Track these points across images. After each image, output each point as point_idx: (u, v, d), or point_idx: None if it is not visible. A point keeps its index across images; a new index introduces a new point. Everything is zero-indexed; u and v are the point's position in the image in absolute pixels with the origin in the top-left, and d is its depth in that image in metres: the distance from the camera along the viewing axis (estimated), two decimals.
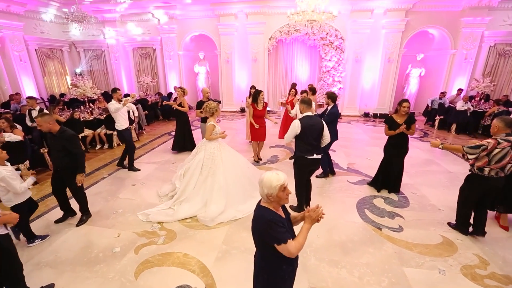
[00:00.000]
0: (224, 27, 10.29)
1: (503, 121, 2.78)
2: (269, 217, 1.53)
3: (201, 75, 11.66)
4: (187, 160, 4.04)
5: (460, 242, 3.16)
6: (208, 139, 3.75)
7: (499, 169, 2.85)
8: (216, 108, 3.84)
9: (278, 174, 1.56)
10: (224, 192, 3.62)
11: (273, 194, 1.53)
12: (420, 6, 9.20)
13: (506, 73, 9.69)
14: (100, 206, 3.89)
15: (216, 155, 3.73)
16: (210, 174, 3.67)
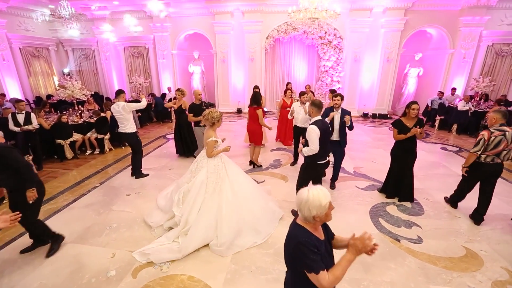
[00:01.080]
0: (219, 25, 9.97)
1: (500, 113, 3.24)
2: (302, 239, 1.33)
3: (196, 75, 11.30)
4: (183, 179, 3.40)
5: (485, 254, 2.96)
6: (210, 156, 3.21)
7: (495, 156, 3.23)
8: (219, 117, 3.24)
9: (322, 190, 1.36)
10: (234, 208, 3.17)
11: (321, 214, 1.33)
12: (419, 5, 9.10)
13: (503, 73, 9.69)
14: (92, 220, 3.53)
15: (220, 167, 3.24)
16: (217, 191, 3.17)
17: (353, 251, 1.36)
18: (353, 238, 1.40)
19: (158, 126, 9.01)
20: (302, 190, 1.39)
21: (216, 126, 3.29)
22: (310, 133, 3.14)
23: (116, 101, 4.59)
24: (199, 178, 3.19)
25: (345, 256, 1.36)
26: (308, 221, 1.38)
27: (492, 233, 3.34)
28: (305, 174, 3.46)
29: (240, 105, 11.09)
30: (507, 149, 3.20)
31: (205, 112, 3.25)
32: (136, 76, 10.33)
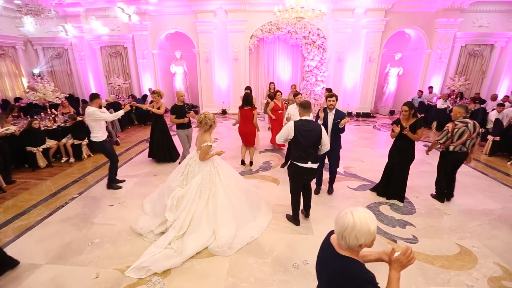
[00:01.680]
0: (202, 24, 9.70)
1: (463, 107, 3.71)
2: (365, 277, 1.19)
3: (178, 75, 10.93)
4: (174, 182, 3.28)
5: (477, 250, 3.02)
6: (202, 160, 3.17)
7: (461, 145, 3.70)
8: (214, 120, 3.21)
9: (367, 212, 1.22)
10: (230, 212, 3.13)
11: (368, 242, 1.20)
12: (398, 7, 9.36)
13: (475, 72, 10.24)
14: (71, 236, 3.22)
15: (213, 173, 3.20)
16: (211, 197, 3.14)
17: (398, 267, 1.28)
18: (393, 253, 1.30)
19: (140, 129, 8.60)
20: (344, 214, 1.22)
21: (212, 129, 3.24)
22: (284, 126, 3.19)
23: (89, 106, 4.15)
24: (195, 184, 3.13)
25: (394, 276, 1.27)
26: (352, 249, 1.23)
27: (480, 228, 3.42)
28: (290, 176, 3.33)
29: (224, 106, 10.89)
30: (470, 138, 3.65)
31: (200, 117, 3.16)
32: (115, 77, 9.79)
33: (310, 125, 3.11)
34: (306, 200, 3.57)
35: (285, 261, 2.82)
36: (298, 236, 3.23)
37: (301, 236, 3.24)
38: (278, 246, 3.04)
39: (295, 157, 3.16)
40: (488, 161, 5.89)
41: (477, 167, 5.50)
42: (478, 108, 7.77)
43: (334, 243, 1.32)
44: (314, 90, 10.61)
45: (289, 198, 3.53)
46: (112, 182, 4.46)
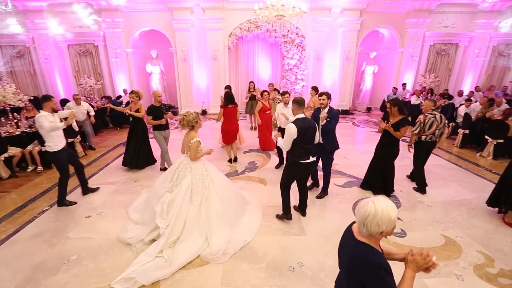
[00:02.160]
0: (178, 22, 9.35)
1: (432, 101, 4.14)
2: (378, 262, 1.22)
3: (154, 75, 10.47)
4: (162, 189, 3.10)
5: (461, 239, 3.15)
6: (194, 159, 3.03)
7: (432, 135, 4.07)
8: (196, 119, 3.09)
9: (388, 201, 1.26)
10: (224, 217, 3.00)
11: (389, 229, 1.24)
12: (372, 7, 9.68)
13: (443, 70, 10.90)
14: (43, 254, 2.89)
15: (205, 176, 3.05)
16: (204, 201, 2.99)
17: (413, 267, 1.29)
18: (411, 253, 1.32)
19: (115, 132, 8.11)
20: (365, 202, 1.26)
21: (197, 127, 3.14)
22: (286, 132, 3.11)
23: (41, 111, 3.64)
24: (184, 186, 2.96)
25: (408, 274, 1.29)
26: (373, 236, 1.27)
27: (461, 218, 3.59)
28: (288, 174, 3.37)
29: (204, 106, 10.62)
30: (438, 128, 4.04)
31: (180, 118, 3.08)
32: (85, 78, 9.14)
33: (307, 122, 3.15)
34: (303, 198, 3.57)
35: (280, 264, 2.75)
36: (291, 238, 3.18)
37: (294, 237, 3.19)
38: (272, 249, 2.96)
39: (297, 156, 3.17)
40: (460, 153, 6.26)
41: (451, 159, 5.82)
42: (448, 103, 8.24)
43: (355, 231, 1.36)
44: (294, 88, 10.68)
45: (278, 198, 3.49)
46: (63, 199, 3.87)
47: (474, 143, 6.40)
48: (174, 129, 7.94)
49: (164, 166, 5.17)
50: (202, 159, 3.16)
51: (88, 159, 5.76)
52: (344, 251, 1.42)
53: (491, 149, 5.78)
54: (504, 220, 3.47)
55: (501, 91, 9.91)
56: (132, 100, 4.99)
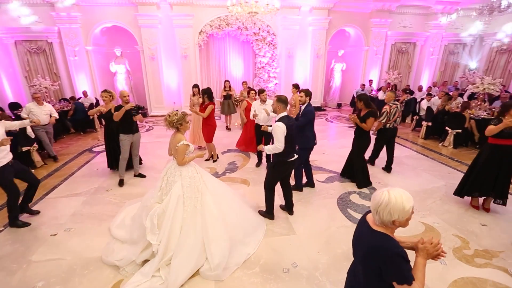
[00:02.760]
0: (144, 18, 8.80)
1: (393, 93, 4.74)
2: (396, 250, 1.24)
3: (120, 75, 9.78)
4: (151, 199, 2.80)
5: (438, 225, 3.36)
6: (182, 164, 2.75)
7: (394, 122, 4.63)
8: (181, 120, 2.80)
9: (404, 192, 1.27)
10: (221, 222, 2.76)
11: (402, 219, 1.26)
12: (339, 6, 10.02)
13: (403, 67, 11.70)
14: (1, 285, 2.49)
15: (196, 179, 2.79)
16: (198, 208, 2.71)
17: (424, 255, 1.32)
18: (422, 242, 1.35)
19: (79, 137, 7.38)
20: (381, 191, 1.29)
21: (184, 129, 2.88)
22: (276, 131, 3.03)
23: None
24: (174, 194, 2.67)
25: (420, 261, 1.32)
26: (386, 225, 1.29)
27: (435, 205, 3.84)
28: (274, 173, 3.33)
29: (176, 107, 10.17)
30: (398, 116, 4.65)
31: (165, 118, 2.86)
32: (39, 78, 8.17)
33: (291, 120, 3.17)
34: (289, 197, 3.56)
35: (274, 267, 2.68)
36: (281, 238, 3.13)
37: (284, 237, 3.14)
38: (263, 252, 2.88)
39: (285, 155, 3.14)
40: (424, 144, 6.74)
41: (418, 150, 6.24)
42: (410, 98, 8.86)
43: (370, 220, 1.38)
44: (267, 86, 10.68)
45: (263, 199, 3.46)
46: (15, 219, 3.34)
47: (436, 134, 6.94)
48: (145, 132, 7.49)
49: (138, 172, 4.82)
50: (192, 162, 2.91)
51: (49, 169, 5.16)
52: (360, 241, 1.42)
53: (451, 139, 6.31)
54: (471, 204, 3.78)
55: (453, 86, 10.93)
56: (104, 100, 4.53)
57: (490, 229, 3.29)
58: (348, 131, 7.49)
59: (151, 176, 4.79)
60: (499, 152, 3.34)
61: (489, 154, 3.43)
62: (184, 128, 2.86)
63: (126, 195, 4.14)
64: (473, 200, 3.76)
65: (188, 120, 2.91)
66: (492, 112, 6.44)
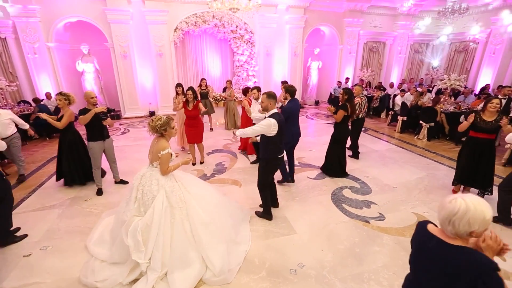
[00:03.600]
0: (114, 13, 8.21)
1: (360, 86, 5.25)
2: (493, 266, 1.09)
3: (88, 74, 9.04)
4: (128, 212, 2.52)
5: (428, 214, 3.52)
6: (166, 174, 2.56)
7: (364, 113, 5.29)
8: (166, 125, 2.57)
9: (481, 199, 1.14)
10: (214, 229, 2.62)
11: (481, 230, 1.13)
12: (315, 5, 10.22)
13: (375, 65, 12.27)
14: None
15: (176, 188, 2.60)
16: (185, 217, 2.53)
17: (490, 253, 1.19)
18: (483, 240, 1.22)
19: (44, 143, 6.66)
20: (452, 199, 1.16)
21: (169, 135, 2.65)
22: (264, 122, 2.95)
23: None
24: (158, 205, 2.44)
25: None
26: (461, 237, 1.16)
27: (422, 195, 4.03)
28: (267, 171, 3.27)
29: (152, 107, 9.68)
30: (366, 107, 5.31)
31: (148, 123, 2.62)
32: None
33: (281, 116, 3.12)
34: (273, 195, 3.55)
35: (281, 269, 2.60)
36: (282, 239, 3.06)
37: (285, 237, 3.07)
38: (267, 255, 2.79)
39: (275, 152, 3.12)
40: (401, 137, 7.11)
41: (397, 144, 6.55)
42: (384, 94, 9.31)
43: (438, 233, 1.24)
44: (246, 85, 10.57)
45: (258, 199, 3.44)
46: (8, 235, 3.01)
47: (411, 127, 7.35)
48: (121, 135, 6.99)
49: (119, 179, 4.45)
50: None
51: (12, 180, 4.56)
52: (433, 261, 1.24)
53: (425, 132, 6.72)
54: (453, 191, 4.02)
55: (419, 83, 11.69)
56: (59, 104, 3.97)
57: None
58: (328, 127, 7.65)
59: None
60: (474, 144, 3.59)
61: (466, 146, 3.73)
62: (168, 134, 2.63)
63: (108, 204, 3.80)
64: (455, 187, 4.01)
65: (174, 125, 2.66)
66: (459, 106, 6.96)
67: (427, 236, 1.28)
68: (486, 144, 3.56)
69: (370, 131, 7.69)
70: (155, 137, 2.67)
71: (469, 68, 11.23)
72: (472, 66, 11.17)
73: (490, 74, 10.26)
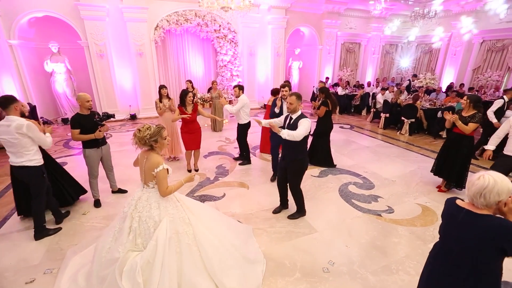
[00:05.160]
0: (88, 8, 7.59)
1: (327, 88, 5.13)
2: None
3: (58, 75, 8.25)
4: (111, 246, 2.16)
5: (430, 204, 3.79)
6: (167, 194, 2.17)
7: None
8: (156, 136, 2.15)
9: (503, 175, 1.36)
10: (224, 251, 2.35)
11: (505, 199, 1.34)
12: (295, 7, 10.42)
13: (352, 64, 12.86)
14: None
15: (180, 209, 2.28)
16: (191, 241, 2.20)
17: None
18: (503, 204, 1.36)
19: None
20: (480, 176, 1.36)
21: (160, 147, 2.22)
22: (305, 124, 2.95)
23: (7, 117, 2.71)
24: (162, 236, 2.07)
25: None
26: (489, 207, 1.37)
27: (419, 186, 4.32)
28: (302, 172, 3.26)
29: (133, 110, 9.15)
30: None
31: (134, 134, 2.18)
32: None
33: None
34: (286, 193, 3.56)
35: (313, 269, 2.62)
36: (305, 238, 3.08)
37: (308, 237, 3.10)
38: (296, 256, 2.79)
39: (306, 151, 3.24)
40: (385, 133, 7.54)
41: (384, 139, 6.93)
42: (365, 92, 9.80)
43: (467, 206, 1.44)
44: (230, 85, 10.46)
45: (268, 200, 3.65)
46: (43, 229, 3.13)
47: (393, 124, 7.84)
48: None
49: (117, 188, 4.14)
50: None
51: None
52: (466, 229, 1.42)
53: (407, 128, 7.21)
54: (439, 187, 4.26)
55: (391, 81, 12.51)
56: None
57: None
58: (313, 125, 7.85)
59: (132, 190, 4.18)
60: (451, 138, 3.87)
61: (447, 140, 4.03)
62: (160, 146, 2.20)
63: (110, 216, 3.50)
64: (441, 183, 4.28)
65: (166, 135, 2.24)
66: (434, 102, 7.58)
67: (456, 209, 1.48)
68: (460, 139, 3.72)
69: (356, 128, 8.04)
70: (142, 151, 2.25)
71: (434, 68, 12.26)
72: (436, 66, 12.22)
73: (452, 73, 11.31)
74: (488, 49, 10.16)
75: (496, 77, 9.48)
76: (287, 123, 3.16)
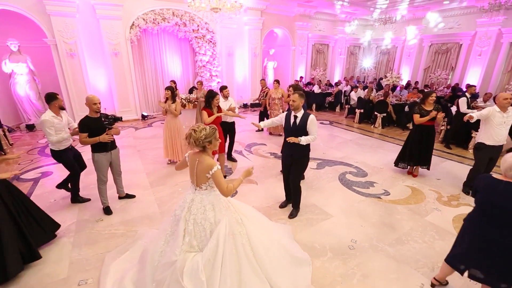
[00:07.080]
0: (55, 3, 6.97)
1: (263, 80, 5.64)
2: None
3: (19, 77, 7.43)
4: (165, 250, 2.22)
5: (416, 185, 4.40)
6: (229, 193, 2.14)
7: None
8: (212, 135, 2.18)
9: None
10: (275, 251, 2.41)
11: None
12: (270, 9, 10.78)
13: (321, 64, 13.70)
14: None
15: (231, 209, 2.35)
16: (245, 241, 2.25)
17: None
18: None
19: None
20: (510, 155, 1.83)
21: (212, 148, 2.23)
22: (314, 123, 3.13)
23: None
24: (222, 235, 2.13)
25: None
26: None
27: (403, 172, 4.93)
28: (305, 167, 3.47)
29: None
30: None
31: (187, 134, 2.18)
32: None
33: None
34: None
35: (340, 248, 2.94)
36: (325, 223, 3.40)
37: (327, 221, 3.42)
38: (322, 239, 3.08)
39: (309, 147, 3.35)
40: (360, 127, 8.30)
41: (362, 133, 7.64)
42: (338, 90, 10.59)
43: (504, 178, 1.87)
44: (210, 85, 10.44)
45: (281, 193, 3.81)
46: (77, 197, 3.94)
47: (367, 118, 8.66)
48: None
49: (125, 193, 4.01)
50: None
51: None
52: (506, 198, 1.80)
53: (380, 121, 8.04)
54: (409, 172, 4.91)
55: (356, 80, 13.65)
56: None
57: (443, 182, 4.55)
58: None
59: (141, 194, 4.10)
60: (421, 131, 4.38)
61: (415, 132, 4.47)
62: (212, 147, 2.22)
63: (128, 222, 3.43)
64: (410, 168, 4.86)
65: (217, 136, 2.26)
66: (400, 98, 8.57)
67: (495, 182, 1.87)
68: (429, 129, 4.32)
69: (335, 123, 8.70)
70: (192, 153, 2.27)
71: (392, 67, 13.69)
72: (394, 66, 13.65)
73: (408, 72, 12.77)
74: (435, 51, 11.72)
75: (445, 75, 11.00)
76: (291, 122, 3.21)
